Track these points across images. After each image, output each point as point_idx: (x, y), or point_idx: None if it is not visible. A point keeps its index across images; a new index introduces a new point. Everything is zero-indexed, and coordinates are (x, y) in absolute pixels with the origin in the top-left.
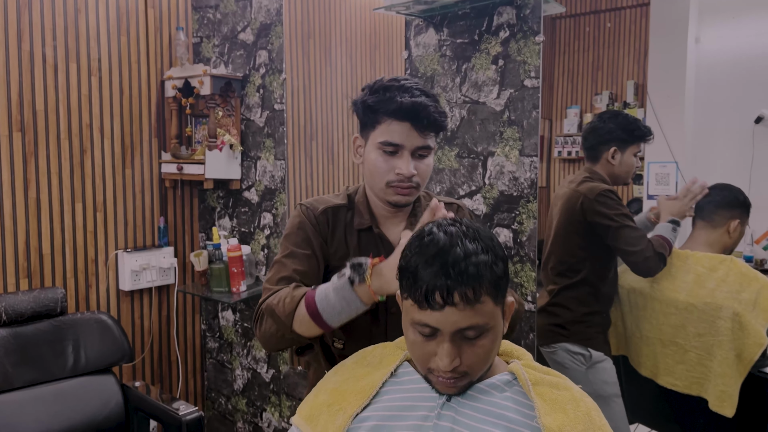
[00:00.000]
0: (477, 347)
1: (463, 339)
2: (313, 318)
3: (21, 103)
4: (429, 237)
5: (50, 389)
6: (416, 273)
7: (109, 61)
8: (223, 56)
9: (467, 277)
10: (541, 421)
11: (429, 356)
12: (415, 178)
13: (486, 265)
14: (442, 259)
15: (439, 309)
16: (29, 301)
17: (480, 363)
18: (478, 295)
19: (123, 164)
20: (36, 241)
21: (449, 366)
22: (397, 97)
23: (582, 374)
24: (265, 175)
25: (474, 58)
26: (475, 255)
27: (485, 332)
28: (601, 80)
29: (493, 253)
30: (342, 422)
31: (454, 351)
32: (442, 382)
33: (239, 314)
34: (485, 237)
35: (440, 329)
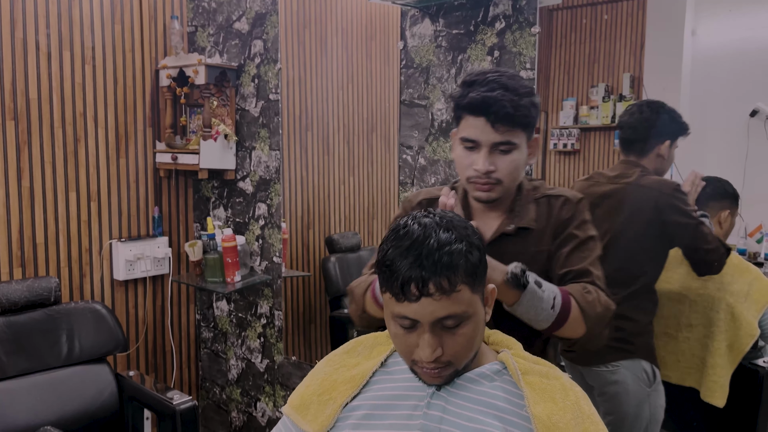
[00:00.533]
0: (458, 336)
1: (443, 329)
2: (376, 302)
3: (14, 91)
4: (404, 230)
5: (44, 378)
6: (392, 266)
7: (103, 50)
8: (218, 45)
9: (441, 267)
10: (530, 410)
11: (411, 348)
12: (494, 174)
13: (460, 253)
14: (416, 250)
15: (416, 300)
16: (23, 290)
17: (462, 351)
18: (453, 285)
19: (117, 154)
20: (30, 231)
21: (431, 356)
22: (471, 92)
23: (644, 396)
24: (260, 165)
25: (470, 49)
26: (449, 245)
27: (465, 321)
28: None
29: (467, 241)
30: (332, 411)
31: (435, 341)
32: (427, 373)
33: (234, 304)
34: (459, 226)
35: (419, 320)
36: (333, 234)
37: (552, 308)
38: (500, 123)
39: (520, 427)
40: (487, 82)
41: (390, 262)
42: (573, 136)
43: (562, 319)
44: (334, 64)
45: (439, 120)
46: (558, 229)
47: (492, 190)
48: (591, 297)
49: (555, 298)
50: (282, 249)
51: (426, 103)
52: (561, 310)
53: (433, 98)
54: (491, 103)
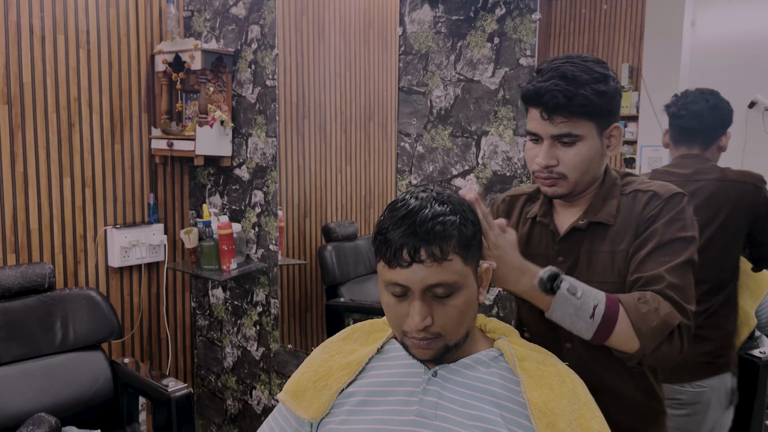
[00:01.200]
0: (448, 307)
1: (433, 298)
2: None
3: (7, 74)
4: (401, 203)
5: (38, 365)
6: (386, 234)
7: (98, 34)
8: (215, 31)
9: (434, 235)
10: (526, 396)
11: (402, 318)
12: (557, 168)
13: (453, 224)
14: (410, 219)
15: (407, 266)
16: (16, 276)
17: (452, 324)
18: (445, 253)
19: (112, 139)
20: (23, 216)
21: (420, 324)
22: (535, 84)
23: (723, 415)
24: (257, 152)
25: (469, 35)
26: (443, 215)
27: (455, 291)
28: None
29: (462, 215)
30: (327, 398)
31: (425, 309)
32: (417, 344)
33: (229, 292)
34: (455, 202)
35: (410, 287)
36: (330, 222)
37: (591, 317)
38: (555, 114)
39: (516, 412)
40: (545, 71)
41: (385, 230)
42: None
43: (606, 330)
44: (331, 51)
45: (437, 107)
46: (640, 227)
47: (556, 185)
48: (646, 308)
49: (597, 306)
50: (278, 237)
51: (425, 90)
52: (603, 320)
53: (432, 85)
54: (542, 93)
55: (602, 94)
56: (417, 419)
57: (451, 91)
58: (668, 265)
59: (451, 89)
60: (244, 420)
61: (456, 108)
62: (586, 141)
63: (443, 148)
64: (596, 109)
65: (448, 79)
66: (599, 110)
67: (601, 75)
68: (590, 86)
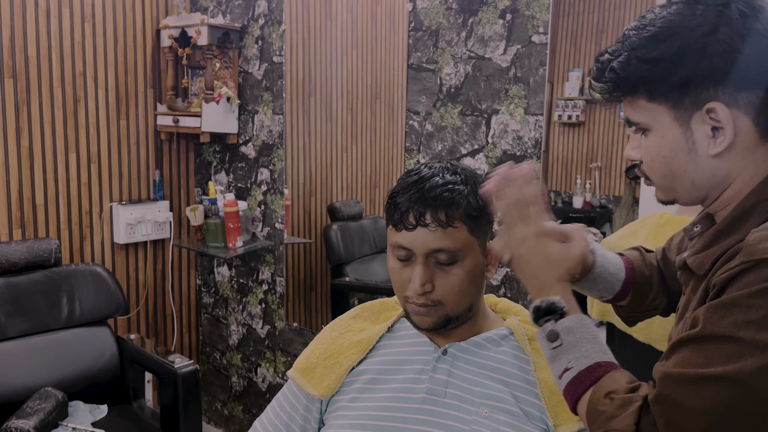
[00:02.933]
0: (450, 275)
1: (436, 265)
2: None
3: (12, 48)
4: (415, 170)
5: (44, 339)
6: (396, 197)
7: (103, 8)
8: (221, 6)
9: (441, 201)
10: (536, 375)
11: (405, 283)
12: (642, 166)
13: (462, 194)
14: (420, 185)
15: (412, 229)
16: (23, 251)
17: (453, 294)
18: (451, 219)
19: (117, 115)
20: (29, 191)
21: (420, 289)
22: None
23: None
24: (263, 129)
25: (481, 11)
26: (454, 184)
27: (458, 260)
28: (605, 43)
29: (473, 187)
30: (338, 375)
31: (426, 274)
32: (416, 309)
33: (235, 270)
34: (469, 175)
35: (414, 251)
36: (335, 202)
37: (559, 378)
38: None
39: (526, 391)
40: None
41: (395, 194)
42: (578, 108)
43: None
44: (338, 28)
45: (447, 85)
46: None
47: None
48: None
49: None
50: (284, 215)
51: (434, 67)
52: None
53: (442, 62)
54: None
55: (628, 73)
56: (427, 397)
57: (462, 68)
58: (681, 371)
59: (461, 66)
60: (249, 397)
61: (466, 86)
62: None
63: (452, 127)
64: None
65: (459, 56)
66: (621, 85)
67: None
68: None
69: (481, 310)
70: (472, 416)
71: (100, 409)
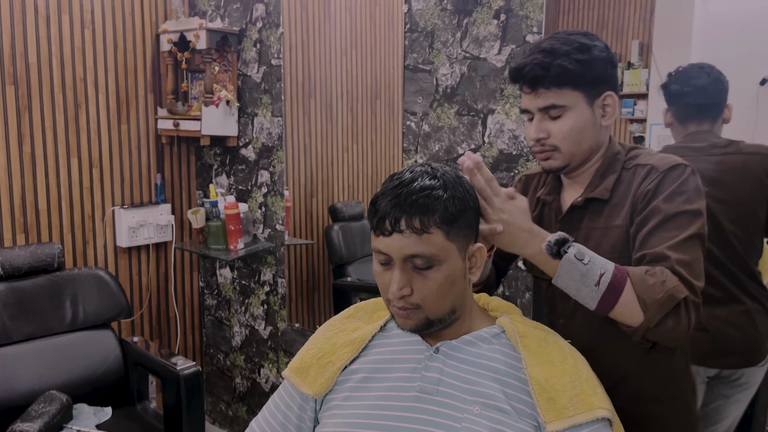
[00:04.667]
0: (428, 279)
1: (414, 269)
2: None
3: (13, 55)
4: (397, 175)
5: (49, 343)
6: (376, 202)
7: (103, 13)
8: (219, 9)
9: (416, 207)
10: (527, 372)
11: (387, 286)
12: (548, 141)
13: (439, 199)
14: (399, 190)
15: (389, 235)
16: (26, 256)
17: (432, 297)
18: (425, 226)
19: (118, 119)
20: (32, 196)
21: (397, 293)
22: (519, 62)
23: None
24: (263, 132)
25: (475, 12)
26: (431, 189)
27: (435, 264)
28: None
29: (452, 193)
30: (331, 374)
31: (404, 279)
32: (398, 312)
33: (237, 272)
34: (450, 179)
35: (391, 256)
36: (336, 202)
37: (596, 285)
38: (537, 87)
39: (517, 388)
40: (533, 48)
41: (376, 199)
42: None
43: (610, 299)
44: (337, 29)
45: (443, 85)
46: (638, 203)
47: (551, 158)
48: (652, 280)
49: (603, 275)
50: (285, 217)
51: (431, 68)
52: (608, 288)
53: (437, 63)
54: (522, 67)
55: (584, 63)
56: (419, 395)
57: (457, 69)
58: (673, 241)
59: (457, 67)
60: (253, 398)
61: (462, 86)
62: (574, 111)
63: (449, 127)
64: (578, 77)
65: (454, 56)
66: (582, 79)
67: (582, 45)
68: (569, 56)
69: (470, 310)
70: (464, 414)
71: (104, 411)
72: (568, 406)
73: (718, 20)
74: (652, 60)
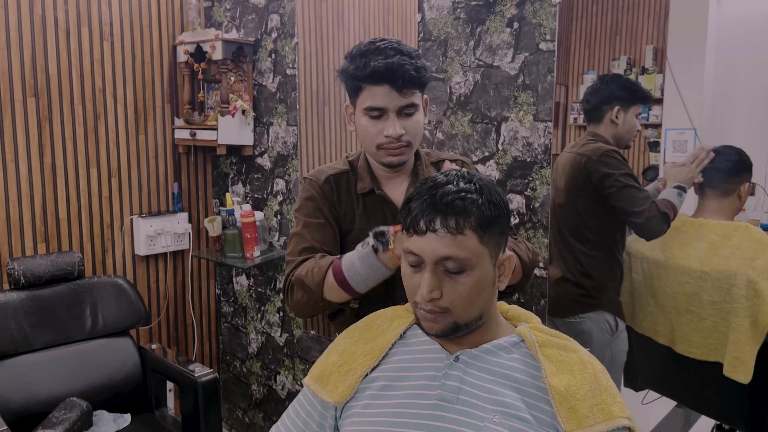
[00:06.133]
0: (458, 283)
1: (445, 272)
2: (342, 286)
3: (34, 67)
4: (431, 178)
5: (69, 350)
6: (410, 203)
7: (121, 26)
8: (235, 20)
9: (452, 209)
10: (547, 381)
11: (415, 288)
12: (404, 137)
13: (474, 202)
14: (433, 191)
15: (422, 235)
16: (47, 265)
17: (461, 302)
18: (460, 228)
19: (136, 130)
20: (52, 206)
21: (427, 295)
22: (371, 62)
23: (607, 343)
24: (278, 141)
25: (488, 20)
26: (467, 192)
27: (467, 268)
28: (619, 45)
29: (487, 197)
30: (352, 382)
31: (434, 281)
32: (425, 316)
33: (253, 279)
34: (485, 185)
35: (423, 257)
36: None
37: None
38: (406, 87)
39: (537, 398)
40: (381, 50)
41: (409, 199)
42: None
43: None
44: (351, 38)
45: (457, 93)
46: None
47: (403, 154)
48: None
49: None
50: None
51: (444, 76)
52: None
53: (451, 71)
54: (395, 68)
55: (426, 68)
56: (438, 403)
57: (471, 77)
58: None
59: (470, 75)
60: (269, 404)
61: (475, 94)
62: (420, 110)
63: (463, 135)
64: (427, 80)
65: (468, 65)
66: (427, 81)
67: (418, 50)
68: (420, 60)
69: (493, 319)
70: (484, 422)
71: (123, 418)
72: (589, 415)
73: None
74: (667, 65)
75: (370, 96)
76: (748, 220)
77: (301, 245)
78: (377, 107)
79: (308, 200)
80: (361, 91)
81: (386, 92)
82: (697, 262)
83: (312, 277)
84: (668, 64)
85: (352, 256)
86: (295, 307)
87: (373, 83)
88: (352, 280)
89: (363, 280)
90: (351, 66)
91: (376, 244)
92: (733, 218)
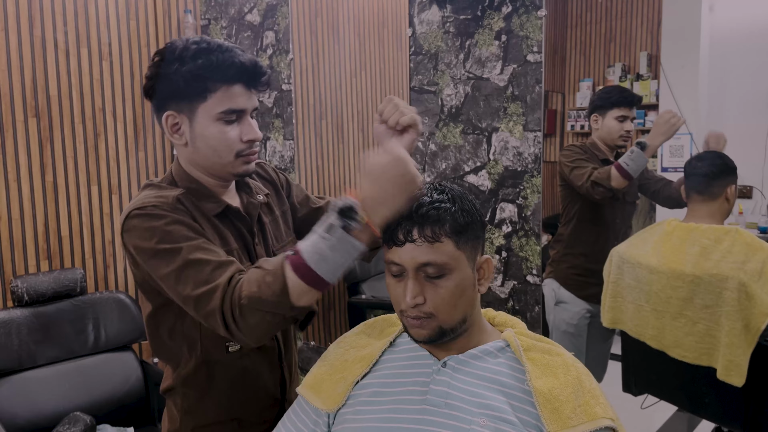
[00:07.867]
0: (439, 288)
1: (426, 278)
2: (313, 285)
3: (35, 88)
4: None
5: (72, 366)
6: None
7: (120, 46)
8: (231, 38)
9: (427, 218)
10: (531, 384)
11: (400, 297)
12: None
13: (447, 211)
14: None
15: (401, 245)
16: (50, 282)
17: (444, 306)
18: (436, 235)
19: (136, 147)
20: (54, 224)
21: (411, 301)
22: (234, 58)
23: (550, 308)
24: (275, 155)
25: (477, 34)
26: (440, 203)
27: (446, 273)
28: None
29: (459, 205)
30: (343, 389)
31: (417, 288)
32: (411, 322)
33: None
34: (457, 194)
35: (404, 266)
36: None
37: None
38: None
39: (523, 400)
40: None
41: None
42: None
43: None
44: (346, 52)
45: (448, 105)
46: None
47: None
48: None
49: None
50: None
51: (435, 89)
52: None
53: (442, 84)
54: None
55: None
56: (426, 408)
57: (461, 89)
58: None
59: (461, 87)
60: None
61: (466, 105)
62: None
63: (455, 146)
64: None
65: (458, 77)
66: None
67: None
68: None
69: (478, 324)
70: (471, 425)
71: (126, 431)
72: (572, 416)
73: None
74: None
75: (228, 98)
76: (746, 223)
77: (207, 268)
78: (238, 109)
79: (173, 224)
80: (212, 93)
81: (245, 92)
82: (689, 266)
83: (269, 289)
84: (662, 70)
85: (319, 248)
86: (253, 333)
87: (236, 82)
88: (327, 274)
89: (339, 267)
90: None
91: (349, 223)
92: (723, 221)
